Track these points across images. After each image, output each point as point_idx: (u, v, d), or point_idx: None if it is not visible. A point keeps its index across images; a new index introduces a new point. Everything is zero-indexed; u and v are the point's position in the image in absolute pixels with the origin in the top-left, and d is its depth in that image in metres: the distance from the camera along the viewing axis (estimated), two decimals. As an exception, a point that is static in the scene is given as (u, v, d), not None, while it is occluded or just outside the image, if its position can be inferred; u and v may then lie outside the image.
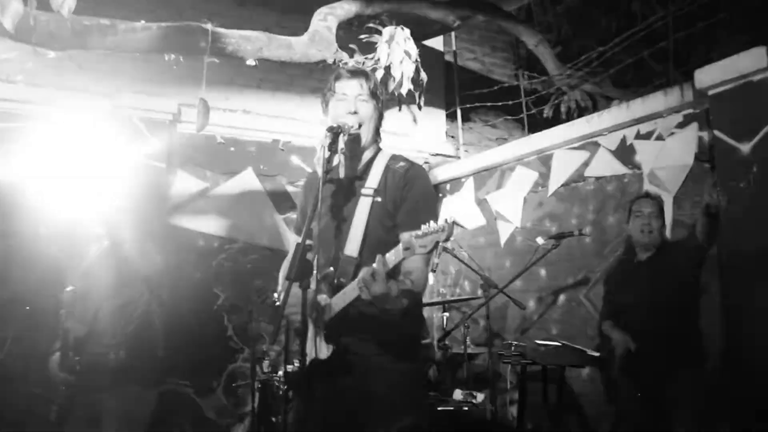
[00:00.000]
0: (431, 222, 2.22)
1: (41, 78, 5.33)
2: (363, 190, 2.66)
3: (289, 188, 6.41)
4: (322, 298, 2.56)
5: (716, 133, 4.31)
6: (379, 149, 2.80)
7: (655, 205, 4.20)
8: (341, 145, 2.65)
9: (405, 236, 2.28)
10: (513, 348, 4.57)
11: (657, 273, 4.06)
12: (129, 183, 5.22)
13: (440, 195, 7.00)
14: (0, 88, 5.24)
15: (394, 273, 2.43)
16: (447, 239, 2.22)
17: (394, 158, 2.75)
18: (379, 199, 2.62)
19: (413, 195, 2.61)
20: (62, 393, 3.95)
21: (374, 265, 2.30)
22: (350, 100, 2.71)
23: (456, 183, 6.85)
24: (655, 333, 3.92)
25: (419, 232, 2.23)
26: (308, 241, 2.51)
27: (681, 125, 4.68)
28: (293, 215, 6.39)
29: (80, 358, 3.89)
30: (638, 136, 4.99)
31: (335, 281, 2.57)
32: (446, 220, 2.20)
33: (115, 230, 4.15)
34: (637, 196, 4.37)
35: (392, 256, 2.30)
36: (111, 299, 4.00)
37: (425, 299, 6.28)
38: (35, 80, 5.34)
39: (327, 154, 2.55)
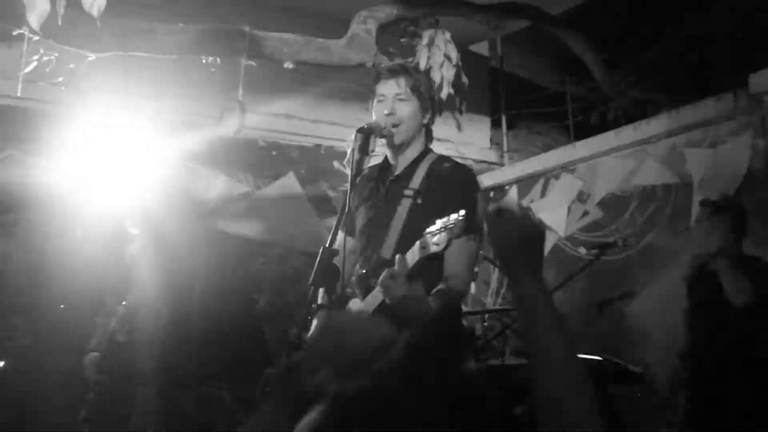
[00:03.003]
0: (445, 217, 2.12)
1: (83, 81, 5.39)
2: (405, 191, 2.56)
3: (331, 193, 6.37)
4: (354, 302, 2.48)
5: (772, 140, 4.14)
6: (427, 150, 2.69)
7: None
8: (373, 146, 2.56)
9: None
10: (553, 361, 4.41)
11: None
12: (170, 186, 5.24)
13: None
14: (42, 90, 5.31)
15: (431, 277, 2.33)
16: (460, 235, 2.11)
17: (441, 159, 2.64)
18: (419, 200, 2.52)
19: (452, 196, 2.45)
20: (97, 392, 3.97)
21: (395, 266, 2.20)
22: (388, 101, 2.60)
23: (499, 191, 6.74)
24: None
25: (434, 228, 2.13)
26: (337, 246, 2.42)
27: (735, 132, 4.52)
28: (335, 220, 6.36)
29: (117, 359, 3.91)
30: (688, 144, 4.83)
31: (368, 284, 2.48)
32: (457, 215, 2.09)
33: (154, 233, 4.17)
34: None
35: (410, 256, 2.21)
36: (149, 302, 4.01)
37: (466, 308, 6.17)
38: (77, 83, 5.40)
39: (357, 156, 2.46)
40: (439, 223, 2.13)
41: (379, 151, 2.69)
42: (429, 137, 2.72)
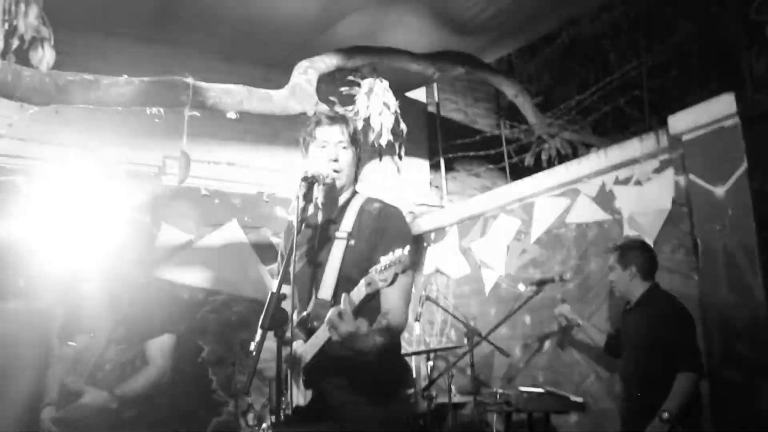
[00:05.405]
0: (390, 254, 2.23)
1: (26, 133, 5.38)
2: (337, 233, 2.65)
3: (274, 239, 6.42)
4: (298, 344, 2.54)
5: (691, 177, 4.38)
6: (355, 192, 2.80)
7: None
8: (316, 194, 2.64)
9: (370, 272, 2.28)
10: (498, 396, 4.53)
11: (638, 323, 4.01)
12: (113, 236, 5.21)
13: (425, 244, 7.02)
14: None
15: (371, 312, 2.42)
16: (405, 271, 2.23)
17: (369, 200, 2.74)
18: (352, 242, 2.61)
19: (387, 236, 2.59)
20: None
21: (341, 304, 2.29)
22: (330, 147, 2.70)
23: (440, 232, 6.88)
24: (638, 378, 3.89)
25: (379, 266, 2.24)
26: (283, 290, 2.48)
27: (658, 170, 4.75)
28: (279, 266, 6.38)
29: (74, 412, 3.84)
30: (617, 182, 5.06)
31: (309, 325, 2.55)
32: (402, 251, 2.21)
33: (103, 284, 4.16)
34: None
35: (356, 294, 2.29)
36: (108, 353, 3.99)
37: (412, 348, 6.26)
38: (20, 135, 5.38)
39: (302, 203, 2.53)
40: (384, 260, 2.23)
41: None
42: (356, 181, 2.85)
